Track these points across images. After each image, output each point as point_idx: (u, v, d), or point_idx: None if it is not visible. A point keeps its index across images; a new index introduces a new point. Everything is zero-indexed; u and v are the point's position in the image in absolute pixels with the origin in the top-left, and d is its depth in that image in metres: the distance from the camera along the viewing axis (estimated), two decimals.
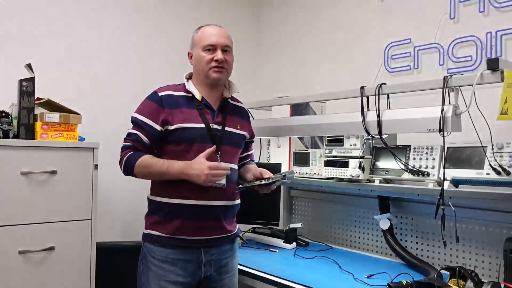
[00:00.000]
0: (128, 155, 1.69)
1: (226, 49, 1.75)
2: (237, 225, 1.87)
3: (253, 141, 2.00)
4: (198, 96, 1.74)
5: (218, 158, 1.70)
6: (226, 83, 1.86)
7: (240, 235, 2.10)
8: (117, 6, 2.72)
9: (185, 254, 1.69)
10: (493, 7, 2.10)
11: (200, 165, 1.59)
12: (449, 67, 2.25)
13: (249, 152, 2.01)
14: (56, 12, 2.49)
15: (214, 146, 1.66)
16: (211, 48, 1.73)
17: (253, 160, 2.04)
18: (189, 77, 1.81)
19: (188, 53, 1.82)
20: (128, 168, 1.70)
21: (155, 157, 1.69)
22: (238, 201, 1.82)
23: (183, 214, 1.68)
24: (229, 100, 1.84)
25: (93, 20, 2.62)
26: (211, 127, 1.72)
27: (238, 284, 1.87)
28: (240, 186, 1.74)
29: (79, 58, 2.56)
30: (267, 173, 1.75)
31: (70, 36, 2.54)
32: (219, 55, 1.72)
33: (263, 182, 1.69)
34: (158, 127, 1.68)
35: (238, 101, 1.93)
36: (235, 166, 1.82)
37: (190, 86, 1.76)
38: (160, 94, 1.73)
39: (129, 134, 1.72)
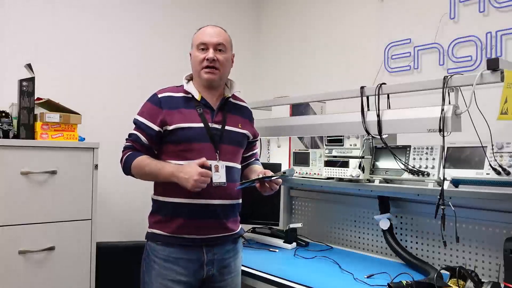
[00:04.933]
0: (127, 155, 1.74)
1: (219, 48, 1.75)
2: (240, 225, 1.87)
3: (257, 140, 1.99)
4: (197, 96, 1.75)
5: (217, 157, 1.71)
6: (228, 82, 1.86)
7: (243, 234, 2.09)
8: (117, 7, 2.72)
9: (187, 253, 1.69)
10: (493, 7, 2.10)
11: (190, 169, 1.58)
12: (449, 67, 2.25)
13: (253, 151, 2.00)
14: (56, 12, 2.49)
15: (203, 159, 1.61)
16: (204, 48, 1.74)
17: (258, 159, 2.03)
18: (190, 78, 1.82)
19: (190, 54, 1.82)
20: (126, 168, 1.74)
21: (152, 158, 1.71)
22: (240, 200, 1.82)
23: (184, 213, 1.68)
24: (231, 99, 1.84)
25: (93, 19, 2.63)
26: (210, 126, 1.72)
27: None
28: (241, 182, 1.74)
29: (79, 58, 2.57)
30: (269, 173, 1.75)
31: (70, 36, 2.54)
32: (210, 54, 1.72)
33: (260, 176, 1.69)
34: (156, 128, 1.70)
35: (241, 100, 1.92)
36: (237, 165, 1.81)
37: (189, 87, 1.77)
38: (159, 96, 1.75)
39: (129, 135, 1.77)
